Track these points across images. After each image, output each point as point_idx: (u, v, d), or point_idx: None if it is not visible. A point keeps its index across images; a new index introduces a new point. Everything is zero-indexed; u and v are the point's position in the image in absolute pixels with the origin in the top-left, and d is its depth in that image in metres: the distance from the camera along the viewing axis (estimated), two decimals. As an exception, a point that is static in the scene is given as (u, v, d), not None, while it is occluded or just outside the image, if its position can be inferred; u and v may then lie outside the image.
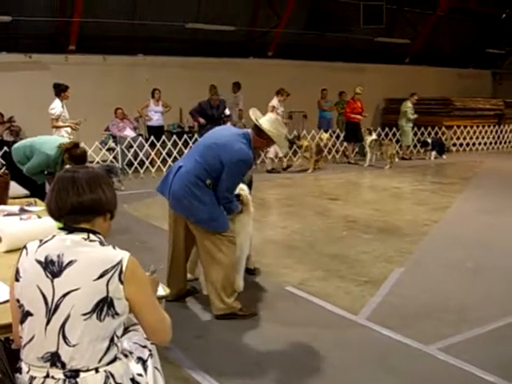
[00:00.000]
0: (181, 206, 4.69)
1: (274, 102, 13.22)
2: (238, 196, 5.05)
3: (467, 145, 18.71)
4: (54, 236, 2.32)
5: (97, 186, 2.34)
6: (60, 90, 10.13)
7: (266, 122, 4.74)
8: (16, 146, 6.92)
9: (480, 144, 19.04)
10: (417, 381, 3.84)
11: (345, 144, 16.02)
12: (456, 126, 18.38)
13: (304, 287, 5.60)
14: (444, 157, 16.67)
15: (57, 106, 10.06)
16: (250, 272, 5.95)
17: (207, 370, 3.90)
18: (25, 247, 2.34)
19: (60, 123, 9.99)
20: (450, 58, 21.62)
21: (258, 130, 4.73)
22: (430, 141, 16.59)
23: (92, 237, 2.30)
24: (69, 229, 2.31)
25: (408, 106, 15.86)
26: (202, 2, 16.44)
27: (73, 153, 6.43)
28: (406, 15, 20.00)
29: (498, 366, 3.92)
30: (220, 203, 4.72)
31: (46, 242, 2.30)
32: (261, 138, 4.74)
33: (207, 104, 12.88)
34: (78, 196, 2.29)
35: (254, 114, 4.89)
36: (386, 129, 16.85)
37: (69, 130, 10.27)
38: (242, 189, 5.16)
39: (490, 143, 19.38)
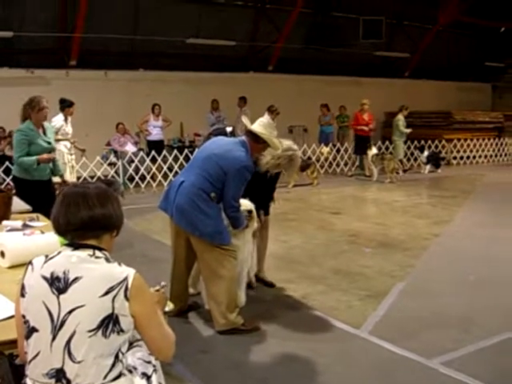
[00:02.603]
0: (185, 220, 4.67)
1: (266, 118, 13.26)
2: (250, 212, 5.08)
3: (467, 158, 18.75)
4: (59, 252, 2.31)
5: (107, 202, 2.35)
6: (65, 106, 10.24)
7: (259, 126, 4.79)
8: None
9: (480, 157, 19.08)
10: (420, 395, 3.84)
11: (346, 157, 16.24)
12: (456, 139, 18.43)
13: (306, 301, 5.60)
14: (439, 171, 16.64)
15: (58, 120, 10.14)
16: (268, 284, 6.01)
17: (211, 385, 3.90)
18: (30, 263, 2.33)
19: (59, 136, 10.03)
20: (450, 72, 21.71)
21: (253, 135, 4.78)
22: (426, 152, 16.61)
23: (98, 253, 2.30)
24: (74, 245, 2.31)
25: (400, 119, 15.57)
26: (202, 17, 16.51)
27: (31, 107, 6.51)
28: (406, 29, 20.11)
29: (501, 380, 3.92)
30: (227, 213, 4.72)
31: (51, 258, 2.30)
32: (257, 143, 4.79)
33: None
34: (88, 210, 2.29)
35: (246, 121, 4.97)
36: (386, 142, 16.82)
37: (68, 144, 10.38)
38: (251, 205, 5.18)
39: (491, 156, 19.42)
